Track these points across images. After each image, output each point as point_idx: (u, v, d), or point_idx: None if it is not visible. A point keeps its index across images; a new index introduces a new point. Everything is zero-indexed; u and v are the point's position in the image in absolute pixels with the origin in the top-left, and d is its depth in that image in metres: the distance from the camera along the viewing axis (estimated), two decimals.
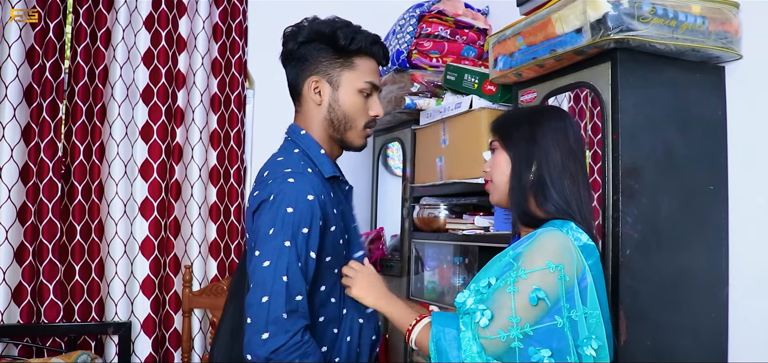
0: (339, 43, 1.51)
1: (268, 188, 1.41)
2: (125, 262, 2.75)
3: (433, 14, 2.68)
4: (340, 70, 1.53)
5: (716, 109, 1.89)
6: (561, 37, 1.81)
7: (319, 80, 1.53)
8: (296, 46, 1.54)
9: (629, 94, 1.75)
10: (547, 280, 1.27)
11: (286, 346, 1.29)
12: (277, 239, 1.34)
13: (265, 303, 1.30)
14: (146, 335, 2.74)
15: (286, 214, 1.35)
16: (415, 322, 1.42)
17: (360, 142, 1.59)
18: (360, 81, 1.54)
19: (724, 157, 1.89)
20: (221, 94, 2.96)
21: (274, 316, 1.29)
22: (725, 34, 1.80)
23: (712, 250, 1.87)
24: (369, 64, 1.57)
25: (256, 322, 1.30)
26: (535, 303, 1.26)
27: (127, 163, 2.77)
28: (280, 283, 1.31)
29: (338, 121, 1.54)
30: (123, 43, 2.76)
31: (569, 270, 1.28)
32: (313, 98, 1.54)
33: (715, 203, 1.88)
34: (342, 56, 1.53)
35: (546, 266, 1.27)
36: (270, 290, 1.31)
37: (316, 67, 1.53)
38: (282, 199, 1.37)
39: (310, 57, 1.53)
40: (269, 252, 1.33)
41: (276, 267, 1.32)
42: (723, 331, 1.86)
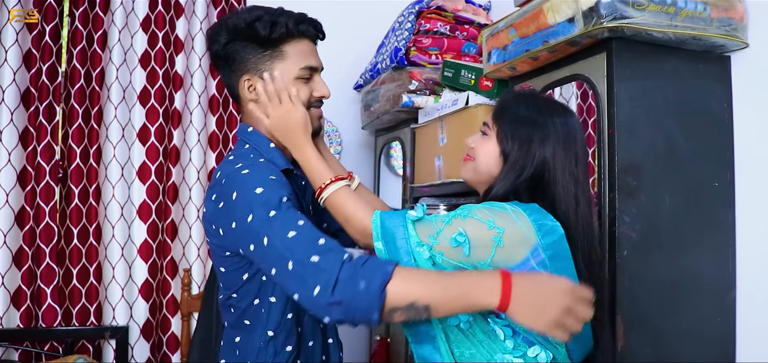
0: (259, 35, 1.38)
1: (223, 187, 1.32)
2: (123, 265, 2.71)
3: (432, 10, 2.60)
4: (271, 63, 1.40)
5: (721, 101, 1.79)
6: (553, 28, 1.72)
7: (251, 78, 1.41)
8: (220, 47, 1.42)
9: (626, 86, 1.66)
10: (480, 234, 1.20)
11: (340, 282, 1.11)
12: (260, 217, 1.22)
13: (292, 268, 1.16)
14: (145, 339, 2.71)
15: (256, 195, 1.25)
16: (330, 181, 1.35)
17: (314, 124, 1.46)
18: (295, 68, 1.41)
19: (731, 153, 1.79)
20: (219, 95, 2.91)
21: (308, 271, 1.15)
22: (729, 20, 1.70)
23: (718, 251, 1.77)
24: (300, 46, 1.43)
25: (302, 288, 1.15)
26: (455, 245, 1.20)
27: (124, 165, 2.74)
28: (291, 241, 1.19)
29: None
30: (119, 45, 2.73)
31: (508, 238, 1.20)
32: (249, 97, 1.43)
33: (721, 201, 1.78)
34: (268, 48, 1.40)
35: (486, 221, 1.21)
36: (288, 256, 1.17)
37: (246, 65, 1.41)
38: (245, 188, 1.27)
39: (236, 56, 1.41)
40: (261, 232, 1.22)
41: (276, 235, 1.20)
42: (730, 337, 1.76)
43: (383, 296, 1.10)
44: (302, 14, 1.44)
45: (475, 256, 1.20)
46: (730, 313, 1.76)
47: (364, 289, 1.10)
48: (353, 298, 1.11)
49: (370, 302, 1.10)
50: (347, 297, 1.11)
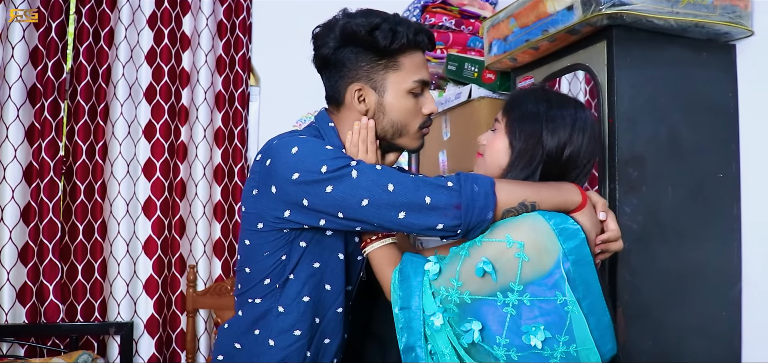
0: (379, 44, 1.31)
1: (278, 147, 1.29)
2: (128, 261, 2.72)
3: (438, 4, 2.58)
4: (384, 73, 1.34)
5: (726, 91, 1.75)
6: (553, 16, 1.70)
7: (363, 87, 1.34)
8: (330, 51, 1.35)
9: (627, 74, 1.63)
10: (501, 255, 1.17)
11: (455, 189, 1.18)
12: (342, 162, 1.22)
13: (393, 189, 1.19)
14: (150, 336, 2.71)
15: (327, 150, 1.24)
16: (375, 237, 1.33)
17: (415, 143, 1.42)
18: (408, 81, 1.34)
19: (736, 143, 1.75)
20: (225, 91, 2.91)
21: (421, 196, 1.17)
22: (734, 8, 1.66)
23: (723, 243, 1.73)
24: (415, 58, 1.36)
25: (406, 210, 1.17)
26: (481, 275, 1.16)
27: (129, 162, 2.74)
28: (389, 180, 1.19)
29: (384, 130, 1.37)
30: (126, 42, 2.74)
31: (531, 250, 1.16)
32: (358, 108, 1.36)
33: (726, 193, 1.74)
34: (384, 57, 1.33)
35: (504, 240, 1.17)
36: (382, 191, 1.19)
37: (357, 73, 1.34)
38: (306, 144, 1.26)
39: (348, 62, 1.34)
40: (343, 170, 1.21)
41: (362, 176, 1.21)
42: (735, 331, 1.72)
43: (495, 195, 1.19)
44: (420, 24, 1.38)
45: (503, 279, 1.16)
46: (736, 307, 1.72)
47: (478, 190, 1.17)
48: (471, 197, 1.17)
49: (486, 199, 1.18)
50: (466, 196, 1.17)
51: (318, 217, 1.25)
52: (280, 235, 1.31)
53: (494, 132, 1.38)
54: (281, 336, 1.34)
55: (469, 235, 1.20)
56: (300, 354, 1.34)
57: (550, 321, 1.15)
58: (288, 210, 1.27)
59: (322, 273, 1.34)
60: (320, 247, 1.33)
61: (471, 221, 1.17)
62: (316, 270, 1.33)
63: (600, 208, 1.30)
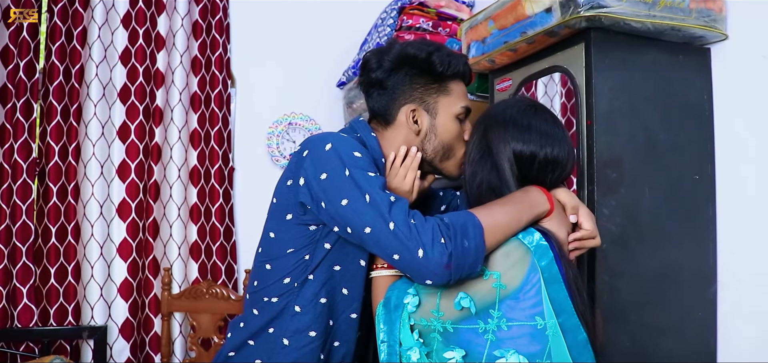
0: (436, 69, 1.41)
1: (318, 141, 1.31)
2: (102, 264, 2.67)
3: (415, 6, 2.58)
4: (437, 97, 1.43)
5: (701, 93, 1.77)
6: (531, 18, 1.70)
7: (417, 109, 1.42)
8: (385, 74, 1.42)
9: (605, 77, 1.64)
10: (479, 288, 1.19)
11: (447, 241, 1.17)
12: (360, 176, 1.24)
13: (394, 229, 1.19)
14: (124, 339, 2.67)
15: (354, 157, 1.26)
16: (380, 265, 1.35)
17: (457, 171, 1.47)
18: (456, 106, 1.44)
19: (711, 145, 1.78)
20: (201, 92, 2.88)
21: (414, 248, 1.18)
22: (709, 11, 1.68)
23: (699, 244, 1.75)
24: (461, 87, 1.47)
25: (408, 251, 1.17)
26: (459, 308, 1.18)
27: (103, 163, 2.70)
28: (392, 219, 1.20)
29: (435, 151, 1.44)
30: (99, 41, 2.69)
31: (508, 278, 1.18)
32: (411, 127, 1.42)
33: (702, 194, 1.76)
34: (437, 82, 1.43)
35: (480, 272, 1.19)
36: (388, 238, 1.19)
37: (412, 95, 1.42)
38: (340, 144, 1.28)
39: (402, 84, 1.42)
40: (363, 189, 1.23)
41: (374, 203, 1.21)
42: (711, 330, 1.74)
43: (484, 244, 1.18)
44: (466, 57, 1.49)
45: (482, 307, 1.18)
46: (711, 307, 1.74)
47: (468, 246, 1.16)
48: (461, 256, 1.16)
49: (477, 255, 1.17)
50: (456, 256, 1.15)
51: (333, 222, 1.28)
52: (307, 232, 1.33)
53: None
54: (296, 336, 1.35)
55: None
56: (314, 355, 1.36)
57: (528, 345, 1.15)
58: (311, 205, 1.29)
59: (341, 277, 1.37)
60: (343, 252, 1.35)
61: (461, 276, 1.18)
62: (335, 273, 1.36)
63: (569, 211, 1.32)
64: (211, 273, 2.85)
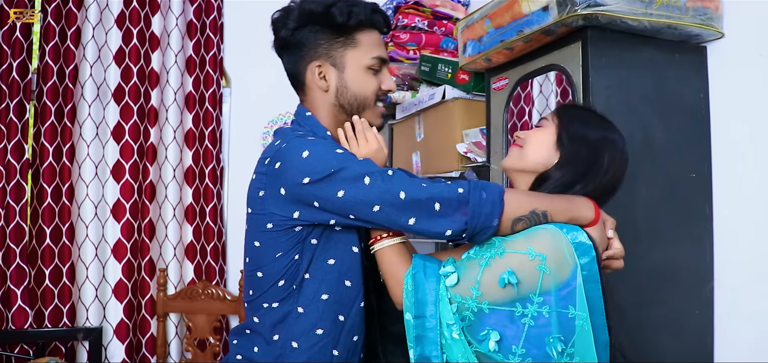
0: (336, 21, 1.36)
1: (287, 150, 1.28)
2: (97, 265, 2.66)
3: (410, 5, 2.58)
4: (343, 50, 1.39)
5: (698, 92, 1.77)
6: (528, 17, 1.70)
7: (323, 64, 1.38)
8: (289, 32, 1.39)
9: (602, 75, 1.64)
10: (523, 267, 1.16)
11: (464, 193, 1.20)
12: (352, 163, 1.24)
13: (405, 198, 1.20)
14: (119, 341, 2.66)
15: (337, 153, 1.25)
16: (385, 235, 1.30)
17: (377, 121, 1.45)
18: (366, 57, 1.39)
19: (708, 143, 1.78)
20: (196, 92, 2.87)
21: (431, 204, 1.20)
22: (705, 10, 1.68)
23: (695, 242, 1.75)
24: (372, 36, 1.42)
25: (417, 217, 1.20)
26: (503, 285, 1.15)
27: (98, 164, 2.69)
28: (401, 188, 1.21)
29: (349, 104, 1.40)
30: (93, 41, 2.68)
31: (552, 263, 1.16)
32: (319, 84, 1.39)
33: (698, 192, 1.76)
34: (342, 34, 1.38)
35: (526, 251, 1.17)
36: (394, 198, 1.20)
37: (316, 51, 1.38)
38: (319, 146, 1.26)
39: (307, 41, 1.38)
40: (360, 170, 1.23)
41: (375, 183, 1.22)
42: (708, 329, 1.74)
43: (502, 203, 1.20)
44: (375, 4, 1.42)
45: (523, 289, 1.16)
46: (708, 305, 1.74)
47: (486, 198, 1.19)
48: (478, 204, 1.18)
49: (493, 207, 1.19)
50: (473, 203, 1.18)
51: (329, 216, 1.27)
52: (292, 234, 1.30)
53: (540, 128, 1.37)
54: (304, 337, 1.33)
55: (474, 238, 1.22)
56: (325, 353, 1.34)
57: (562, 333, 1.15)
58: (297, 211, 1.27)
59: (339, 270, 1.34)
60: (332, 243, 1.33)
61: (476, 226, 1.19)
62: (332, 267, 1.33)
63: (610, 226, 1.33)
64: (205, 273, 2.84)
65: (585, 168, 1.29)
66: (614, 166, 1.32)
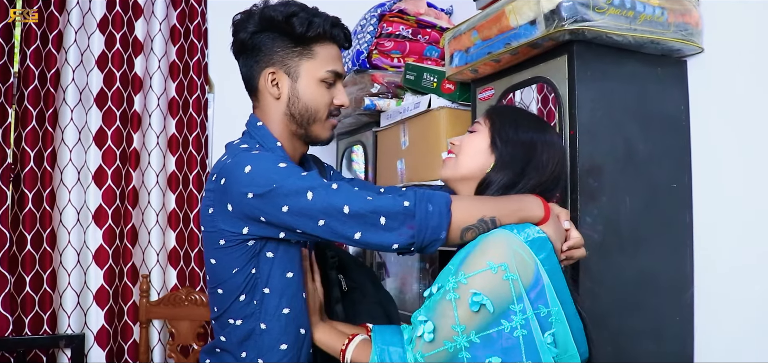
0: (295, 31, 1.38)
1: (232, 166, 1.29)
2: (78, 272, 2.64)
3: (395, 13, 2.61)
4: (299, 60, 1.40)
5: (678, 105, 1.83)
6: (515, 30, 1.73)
7: (276, 72, 1.40)
8: (248, 36, 1.41)
9: (587, 88, 1.68)
10: (490, 283, 1.15)
11: (410, 207, 1.20)
12: (293, 178, 1.24)
13: (347, 214, 1.21)
14: (100, 348, 2.64)
15: (280, 167, 1.26)
16: (347, 342, 1.32)
17: (326, 134, 1.47)
18: (321, 70, 1.41)
19: (688, 155, 1.83)
20: (179, 97, 2.86)
21: (376, 218, 1.21)
22: (686, 25, 1.73)
23: (676, 251, 1.80)
24: (330, 50, 1.44)
25: (362, 231, 1.21)
26: (477, 309, 1.14)
27: (80, 169, 2.67)
28: (345, 202, 1.22)
29: (300, 114, 1.42)
30: (76, 45, 2.66)
31: (515, 267, 1.16)
32: (270, 91, 1.41)
33: (679, 202, 1.81)
34: (300, 44, 1.40)
35: (487, 268, 1.16)
36: (338, 212, 1.21)
37: (272, 58, 1.40)
38: (261, 161, 1.27)
39: (263, 47, 1.40)
40: (302, 186, 1.23)
41: (318, 197, 1.23)
42: (688, 335, 1.79)
43: (450, 214, 1.21)
44: (337, 18, 1.44)
45: (500, 305, 1.15)
46: (689, 312, 1.80)
47: (433, 210, 1.20)
48: (425, 217, 1.19)
49: (440, 220, 1.20)
50: (420, 216, 1.19)
51: (277, 231, 1.28)
52: (246, 248, 1.31)
53: (473, 133, 1.40)
54: (269, 353, 1.34)
55: (424, 251, 1.24)
56: None
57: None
58: (246, 226, 1.28)
59: (298, 282, 1.36)
60: (289, 256, 1.34)
61: (424, 240, 1.20)
62: (291, 280, 1.34)
63: (563, 217, 1.34)
64: (189, 280, 2.84)
65: (522, 166, 1.32)
66: (553, 160, 1.34)
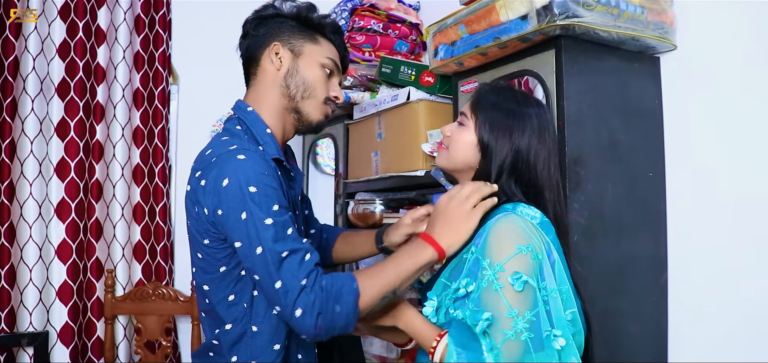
0: (303, 16, 1.48)
1: (212, 168, 1.29)
2: (40, 267, 2.56)
3: (366, 8, 2.64)
4: (303, 41, 1.48)
5: (653, 98, 1.93)
6: (506, 25, 1.80)
7: (281, 46, 1.46)
8: (259, 21, 1.48)
9: (574, 81, 1.75)
10: (524, 263, 1.21)
11: (321, 313, 1.21)
12: (256, 220, 1.23)
13: (280, 288, 1.21)
14: (64, 345, 2.56)
15: (251, 194, 1.24)
16: (436, 343, 1.29)
17: (318, 116, 1.50)
18: (322, 56, 1.49)
19: (662, 146, 1.94)
20: (144, 89, 2.81)
21: (291, 294, 1.22)
22: (662, 24, 1.84)
23: (653, 235, 1.90)
24: (331, 47, 1.53)
25: (285, 307, 1.21)
26: (522, 288, 1.19)
27: (41, 161, 2.59)
28: (283, 260, 1.22)
29: (296, 86, 1.46)
30: (36, 33, 2.57)
31: (536, 247, 1.23)
32: (272, 62, 1.46)
33: (655, 191, 1.92)
34: (306, 30, 1.49)
35: (517, 251, 1.22)
36: (276, 276, 1.22)
37: (279, 36, 1.47)
38: (239, 179, 1.25)
39: (271, 28, 1.48)
40: (253, 236, 1.23)
41: (269, 247, 1.23)
42: (663, 313, 1.90)
43: (358, 311, 1.24)
44: (341, 28, 1.56)
45: (534, 281, 1.20)
46: (663, 292, 1.91)
47: (340, 311, 1.22)
48: (332, 320, 1.22)
49: (348, 320, 1.23)
50: (327, 322, 1.21)
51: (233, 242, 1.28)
52: (232, 248, 1.32)
53: (461, 126, 1.45)
54: (263, 354, 1.36)
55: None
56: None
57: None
58: (219, 231, 1.30)
59: None
60: None
61: (333, 335, 1.24)
62: None
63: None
64: (155, 274, 2.79)
65: (501, 156, 1.38)
66: (540, 132, 1.41)
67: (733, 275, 1.79)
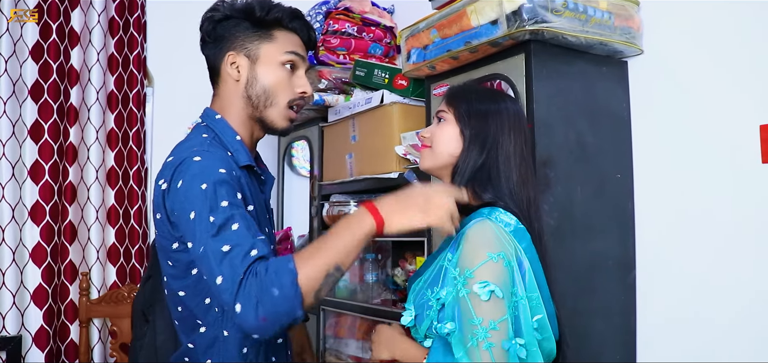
0: (255, 14, 1.40)
1: (170, 170, 1.29)
2: (14, 271, 2.54)
3: (340, 11, 2.67)
4: (258, 43, 1.41)
5: (621, 102, 1.98)
6: (476, 29, 1.83)
7: (236, 55, 1.41)
8: (213, 26, 1.42)
9: (543, 85, 1.79)
10: (494, 272, 1.21)
11: (260, 303, 1.11)
12: (202, 217, 1.19)
13: (221, 284, 1.14)
14: (39, 349, 2.55)
15: (201, 192, 1.21)
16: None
17: (282, 123, 1.45)
18: (280, 53, 1.41)
19: (629, 148, 1.98)
20: (119, 91, 2.80)
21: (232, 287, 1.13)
22: (629, 29, 1.88)
23: (621, 235, 1.95)
24: (291, 37, 1.45)
25: (227, 305, 1.14)
26: (488, 297, 1.18)
27: (15, 164, 2.57)
28: (223, 255, 1.16)
29: (257, 96, 1.41)
30: (8, 34, 2.55)
31: (508, 254, 1.24)
32: (230, 74, 1.41)
33: (623, 192, 1.96)
34: (260, 29, 1.42)
35: (488, 258, 1.21)
36: (217, 271, 1.15)
37: (233, 43, 1.41)
38: (192, 179, 1.24)
39: (226, 34, 1.42)
40: (200, 234, 1.19)
41: (209, 246, 1.18)
42: (631, 310, 1.95)
43: (299, 291, 1.12)
44: (298, 11, 1.46)
45: (506, 292, 1.20)
46: (631, 291, 1.96)
47: (279, 295, 1.11)
48: (273, 307, 1.11)
49: (290, 304, 1.12)
50: (268, 311, 1.11)
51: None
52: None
53: (441, 122, 1.46)
54: (233, 359, 1.36)
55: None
56: None
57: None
58: (176, 232, 1.29)
59: None
60: None
61: (283, 324, 1.14)
62: None
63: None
64: (130, 276, 2.78)
65: (482, 143, 1.37)
66: (516, 123, 1.40)
67: (700, 275, 1.84)
